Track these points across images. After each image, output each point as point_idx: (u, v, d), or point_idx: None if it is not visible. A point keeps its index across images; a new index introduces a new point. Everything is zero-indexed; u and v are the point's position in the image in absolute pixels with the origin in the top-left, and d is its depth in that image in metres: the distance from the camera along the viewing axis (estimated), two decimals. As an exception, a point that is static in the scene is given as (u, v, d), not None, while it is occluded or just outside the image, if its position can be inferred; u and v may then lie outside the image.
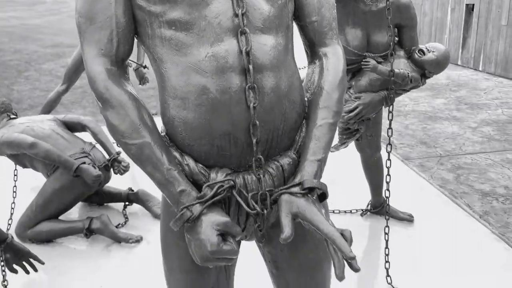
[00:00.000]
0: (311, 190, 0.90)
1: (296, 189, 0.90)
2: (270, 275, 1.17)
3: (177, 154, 0.94)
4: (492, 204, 2.88)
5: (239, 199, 0.90)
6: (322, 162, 0.96)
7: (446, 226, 2.62)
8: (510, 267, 2.26)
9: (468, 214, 2.74)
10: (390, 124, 1.97)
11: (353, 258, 0.80)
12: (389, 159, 2.19)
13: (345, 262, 0.83)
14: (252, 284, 2.22)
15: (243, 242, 1.22)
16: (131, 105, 0.89)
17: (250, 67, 0.88)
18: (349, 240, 0.86)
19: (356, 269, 0.82)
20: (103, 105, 0.90)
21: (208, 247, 0.83)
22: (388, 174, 2.09)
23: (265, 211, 0.93)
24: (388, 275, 2.16)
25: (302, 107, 1.02)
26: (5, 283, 2.03)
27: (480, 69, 6.58)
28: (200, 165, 0.94)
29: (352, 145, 2.62)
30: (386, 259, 2.17)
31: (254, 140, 0.91)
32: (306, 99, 1.04)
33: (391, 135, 2.03)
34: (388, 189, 2.17)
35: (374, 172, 2.59)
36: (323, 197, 0.94)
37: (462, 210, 2.79)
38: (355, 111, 2.04)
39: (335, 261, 0.83)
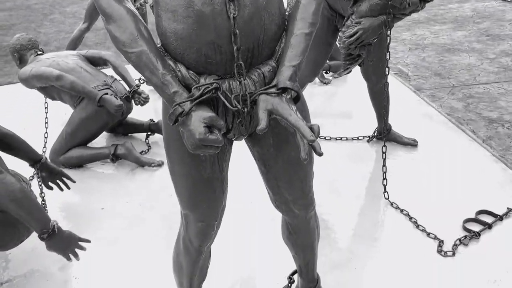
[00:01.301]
0: (284, 90, 1.05)
1: (272, 90, 1.05)
2: (260, 173, 1.35)
3: (171, 62, 1.10)
4: (497, 130, 2.96)
5: (223, 98, 1.06)
6: (297, 68, 1.09)
7: (448, 150, 2.74)
8: (506, 185, 2.39)
9: (472, 139, 2.84)
10: (387, 47, 2.05)
11: (313, 140, 0.96)
12: (385, 88, 2.28)
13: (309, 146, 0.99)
14: (244, 180, 2.51)
15: (235, 146, 1.40)
16: (130, 19, 1.05)
17: None
18: (316, 132, 1.02)
19: (319, 153, 0.97)
20: (106, 20, 1.06)
21: (196, 135, 1.01)
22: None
23: (245, 109, 1.09)
24: (385, 191, 2.33)
25: (282, 19, 1.14)
26: (42, 194, 2.32)
27: (509, -1, 6.30)
28: (191, 72, 1.10)
29: (359, 74, 2.71)
30: (384, 176, 2.33)
31: (235, 47, 1.06)
32: (286, 13, 1.16)
33: (389, 58, 2.12)
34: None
35: (380, 99, 2.68)
36: (297, 98, 1.09)
37: (466, 136, 2.89)
38: (355, 36, 2.13)
39: (301, 146, 0.99)
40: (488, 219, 2.15)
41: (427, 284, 1.82)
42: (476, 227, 2.10)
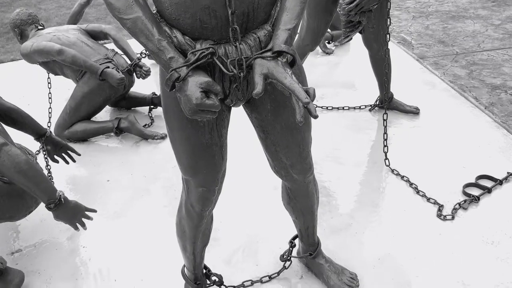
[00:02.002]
0: (280, 54, 1.06)
1: (267, 54, 1.06)
2: (259, 139, 1.37)
3: (166, 28, 1.10)
4: (500, 96, 2.95)
5: (218, 63, 1.07)
6: (292, 31, 1.10)
7: (450, 117, 2.74)
8: (506, 150, 2.40)
9: (474, 106, 2.83)
10: (388, 14, 2.03)
11: (308, 102, 0.97)
12: (385, 55, 2.27)
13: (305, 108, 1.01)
14: (243, 146, 2.52)
15: (234, 113, 1.42)
16: None
17: None
18: (311, 95, 1.03)
19: (314, 116, 0.99)
20: None
21: (193, 100, 1.03)
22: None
23: (241, 74, 1.10)
24: (386, 158, 2.35)
25: (277, -17, 1.14)
26: (48, 167, 2.36)
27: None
28: (187, 37, 1.10)
29: (362, 44, 2.69)
30: (385, 144, 2.35)
31: (230, 11, 1.06)
32: None
33: (389, 24, 2.10)
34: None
35: (381, 67, 2.67)
36: (293, 62, 1.10)
37: (468, 103, 2.88)
38: (355, 2, 2.10)
39: (296, 109, 1.01)
40: (488, 183, 2.17)
41: (426, 247, 1.86)
42: (476, 192, 2.13)
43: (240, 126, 2.69)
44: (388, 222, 2.00)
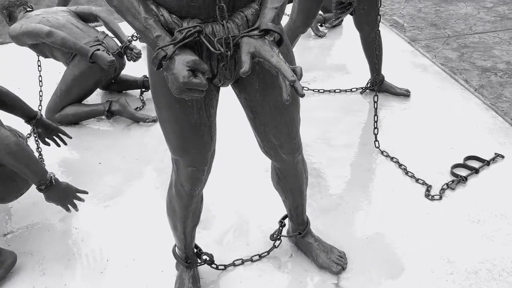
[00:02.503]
0: (267, 32, 1.06)
1: (254, 32, 1.06)
2: (248, 119, 1.38)
3: (153, 7, 1.10)
4: (490, 79, 2.96)
5: (206, 42, 1.07)
6: (279, 10, 1.10)
7: (441, 99, 2.76)
8: (495, 132, 2.42)
9: (464, 88, 2.85)
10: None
11: (294, 81, 0.98)
12: (376, 37, 2.27)
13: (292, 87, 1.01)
14: (233, 126, 2.56)
15: (223, 94, 1.42)
16: None
17: None
18: (298, 74, 1.03)
19: (300, 94, 1.00)
20: None
21: (180, 79, 1.03)
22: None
23: (229, 53, 1.10)
24: (376, 140, 2.37)
25: (264, -39, 1.13)
26: (39, 149, 2.36)
27: None
28: (174, 16, 1.10)
29: (354, 27, 2.69)
30: (375, 125, 2.37)
31: (216, -11, 1.06)
32: None
33: (380, 6, 2.10)
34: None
35: (373, 50, 2.67)
36: (280, 41, 1.10)
37: (459, 85, 2.90)
38: (345, -17, 2.10)
39: (283, 87, 1.01)
40: (476, 164, 2.20)
41: (414, 226, 1.89)
42: (463, 172, 2.16)
43: (229, 107, 2.69)
44: (377, 202, 2.03)
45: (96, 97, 3.16)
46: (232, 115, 2.70)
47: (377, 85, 2.59)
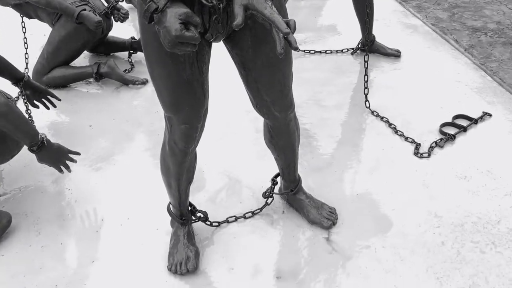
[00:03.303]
0: (259, -16, 1.04)
1: (247, -16, 1.05)
2: (240, 77, 1.38)
3: (143, -41, 1.07)
4: (480, 38, 2.97)
5: (197, -6, 1.06)
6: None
7: (431, 60, 2.77)
8: (483, 91, 2.45)
9: (454, 48, 2.86)
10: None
11: (288, 33, 0.98)
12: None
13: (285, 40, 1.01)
14: (231, 83, 2.52)
15: (215, 49, 1.42)
16: None
17: None
18: (292, 27, 1.03)
19: (294, 47, 1.00)
20: None
21: (172, 32, 1.02)
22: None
23: (221, 5, 1.09)
24: (366, 100, 2.39)
25: None
26: (29, 111, 2.34)
27: None
28: (165, -32, 1.08)
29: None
30: (365, 86, 2.38)
31: None
32: None
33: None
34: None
35: (364, 9, 2.65)
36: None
37: (449, 45, 2.90)
38: None
39: (276, 40, 1.02)
40: (464, 123, 2.23)
41: (402, 183, 1.93)
42: (452, 131, 2.19)
43: (220, 65, 2.68)
44: (367, 161, 2.07)
45: (83, 60, 3.10)
46: (224, 73, 2.68)
47: (368, 45, 2.59)
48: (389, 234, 1.71)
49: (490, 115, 2.26)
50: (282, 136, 1.55)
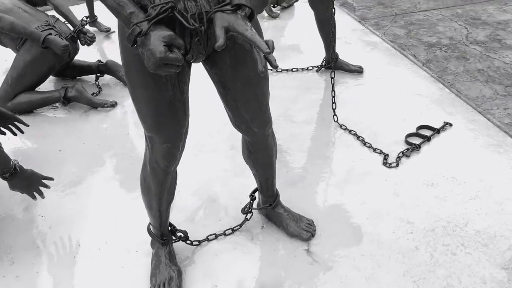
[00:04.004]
0: (239, 7, 1.10)
1: (227, 7, 1.10)
2: (219, 95, 1.41)
3: (125, -16, 1.11)
4: (436, 53, 3.15)
5: (180, 17, 1.10)
6: (250, -14, 1.14)
7: (392, 74, 2.91)
8: (443, 102, 2.60)
9: (413, 63, 3.02)
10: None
11: (269, 52, 1.03)
12: (331, 15, 2.37)
13: (265, 59, 1.06)
14: (205, 102, 2.60)
15: (194, 70, 1.45)
16: None
17: None
18: (271, 47, 1.08)
19: (274, 66, 1.05)
20: None
21: (157, 54, 1.05)
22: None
23: (202, 28, 1.13)
24: (334, 114, 2.48)
25: None
26: (-3, 138, 2.27)
27: None
28: (146, -8, 1.11)
29: (307, 7, 2.76)
30: (333, 101, 2.47)
31: (187, -35, 1.08)
32: None
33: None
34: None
35: (327, 29, 2.76)
36: (251, 16, 1.14)
37: (408, 60, 3.06)
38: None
39: (258, 60, 1.06)
40: (428, 132, 2.35)
41: (374, 192, 2.01)
42: (417, 141, 2.30)
43: (199, 84, 2.70)
44: (339, 173, 2.14)
45: (49, 84, 3.06)
46: (196, 92, 2.71)
47: (333, 62, 2.69)
48: (365, 242, 1.77)
49: (450, 124, 2.40)
50: (261, 152, 1.59)
